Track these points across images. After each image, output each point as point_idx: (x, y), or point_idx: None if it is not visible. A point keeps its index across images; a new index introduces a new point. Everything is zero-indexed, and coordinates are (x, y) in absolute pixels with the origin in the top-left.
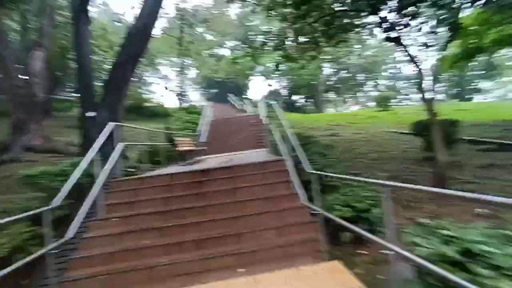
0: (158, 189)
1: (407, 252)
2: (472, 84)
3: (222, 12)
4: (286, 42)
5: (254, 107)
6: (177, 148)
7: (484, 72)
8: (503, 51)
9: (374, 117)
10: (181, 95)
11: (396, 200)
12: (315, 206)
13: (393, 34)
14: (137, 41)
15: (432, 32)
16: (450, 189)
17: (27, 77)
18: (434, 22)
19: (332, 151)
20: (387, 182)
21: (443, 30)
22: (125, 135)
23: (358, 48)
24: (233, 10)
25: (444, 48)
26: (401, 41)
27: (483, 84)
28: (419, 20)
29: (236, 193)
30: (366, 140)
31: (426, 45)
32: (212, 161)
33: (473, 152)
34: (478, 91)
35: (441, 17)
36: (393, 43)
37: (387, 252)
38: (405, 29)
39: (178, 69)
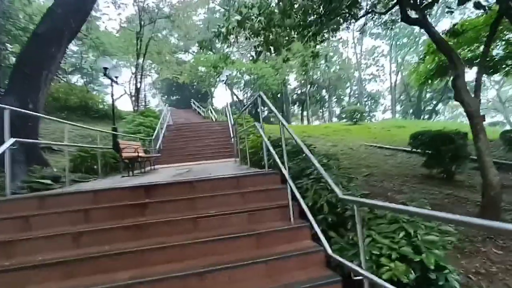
0: (68, 216)
1: None
2: (431, 105)
3: (188, 15)
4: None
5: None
6: (121, 154)
7: (440, 95)
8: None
9: (346, 130)
10: (137, 98)
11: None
12: (348, 263)
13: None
14: (66, 14)
15: None
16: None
17: None
18: None
19: (337, 163)
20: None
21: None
22: (58, 136)
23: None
24: (200, 16)
25: (422, 59)
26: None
27: (439, 106)
28: None
29: (197, 226)
30: (347, 154)
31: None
32: (166, 172)
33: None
34: (435, 112)
35: None
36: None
37: None
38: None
39: (135, 70)
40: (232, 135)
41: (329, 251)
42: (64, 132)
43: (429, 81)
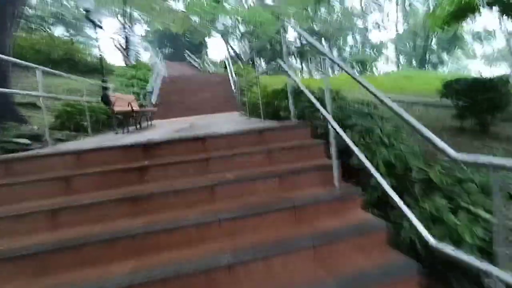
0: (42, 187)
1: None
2: (436, 55)
3: None
4: None
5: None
6: (112, 108)
7: (447, 43)
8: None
9: (354, 82)
10: (126, 51)
11: None
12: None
13: None
14: None
15: None
16: None
17: None
18: None
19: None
20: None
21: None
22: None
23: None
24: None
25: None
26: None
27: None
28: None
29: (214, 196)
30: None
31: None
32: (166, 127)
33: None
34: (441, 62)
35: None
36: None
37: None
38: None
39: (124, 21)
40: (233, 87)
41: (426, 234)
42: (50, 85)
43: (447, 25)
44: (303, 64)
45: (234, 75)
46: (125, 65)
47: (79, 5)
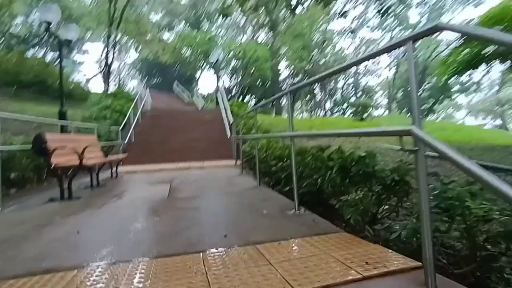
0: None
1: None
2: (427, 103)
3: None
4: None
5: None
6: (50, 160)
7: (439, 92)
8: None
9: (357, 128)
10: (107, 76)
11: None
12: None
13: None
14: None
15: None
16: None
17: None
18: None
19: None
20: None
21: None
22: None
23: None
24: None
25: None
26: None
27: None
28: None
29: None
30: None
31: None
32: (135, 187)
33: None
34: (432, 111)
35: None
36: None
37: None
38: None
39: (107, 41)
40: (228, 127)
41: None
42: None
43: (457, 74)
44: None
45: (228, 113)
46: (104, 92)
47: (41, 18)
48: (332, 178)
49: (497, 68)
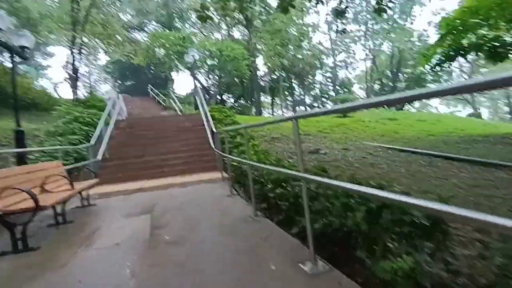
0: None
1: None
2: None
3: None
4: None
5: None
6: None
7: (414, 83)
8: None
9: (342, 125)
10: (75, 83)
11: None
12: None
13: None
14: None
15: None
16: None
17: None
18: None
19: None
20: None
21: None
22: None
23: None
24: None
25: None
26: None
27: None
28: None
29: None
30: (374, 163)
31: None
32: (113, 218)
33: None
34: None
35: None
36: None
37: None
38: None
39: (71, 46)
40: (209, 133)
41: None
42: None
43: (438, 66)
44: (275, 99)
45: (210, 119)
46: (73, 100)
47: None
48: (355, 223)
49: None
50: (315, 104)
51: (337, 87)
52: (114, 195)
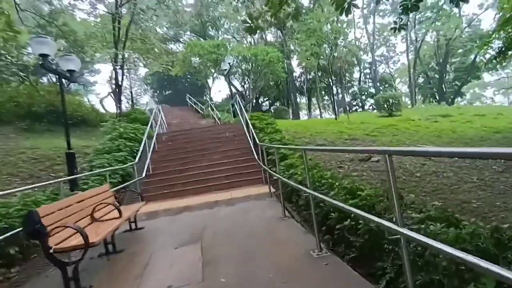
0: None
1: None
2: (454, 86)
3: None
4: None
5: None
6: (46, 244)
7: (465, 74)
8: None
9: (391, 127)
10: (119, 97)
11: None
12: None
13: None
14: None
15: None
16: None
17: None
18: None
19: None
20: None
21: None
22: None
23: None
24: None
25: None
26: None
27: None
28: None
29: None
30: (433, 172)
31: None
32: (159, 256)
33: None
34: (460, 94)
35: None
36: None
37: None
38: None
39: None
40: (251, 143)
41: None
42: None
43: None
44: (312, 99)
45: (251, 128)
46: (117, 113)
47: (34, 52)
48: None
49: None
50: (354, 103)
51: (377, 83)
52: (160, 215)
